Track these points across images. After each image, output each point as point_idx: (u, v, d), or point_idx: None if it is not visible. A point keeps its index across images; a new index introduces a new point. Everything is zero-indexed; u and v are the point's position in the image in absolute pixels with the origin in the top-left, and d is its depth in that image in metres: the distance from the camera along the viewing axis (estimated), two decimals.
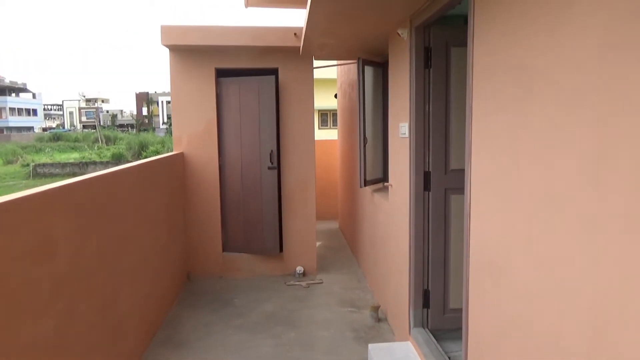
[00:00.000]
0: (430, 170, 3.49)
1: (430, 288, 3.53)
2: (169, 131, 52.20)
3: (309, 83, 5.62)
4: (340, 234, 8.02)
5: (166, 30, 5.19)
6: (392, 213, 4.14)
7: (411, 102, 3.50)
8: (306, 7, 3.47)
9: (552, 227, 1.66)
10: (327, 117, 23.12)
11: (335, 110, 22.07)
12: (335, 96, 8.59)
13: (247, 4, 6.35)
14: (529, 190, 1.82)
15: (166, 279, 4.73)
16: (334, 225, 8.63)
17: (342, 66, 7.22)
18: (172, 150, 5.43)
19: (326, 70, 6.22)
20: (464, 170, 3.23)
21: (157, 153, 31.29)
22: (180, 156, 5.50)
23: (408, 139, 3.57)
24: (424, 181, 3.51)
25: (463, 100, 3.36)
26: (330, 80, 14.39)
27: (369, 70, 4.99)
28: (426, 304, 3.56)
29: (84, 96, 78.88)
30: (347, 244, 7.26)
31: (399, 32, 3.57)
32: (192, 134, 5.57)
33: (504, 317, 2.05)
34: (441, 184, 3.49)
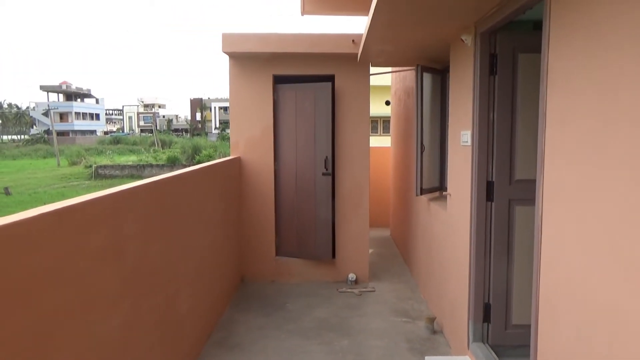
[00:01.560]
0: (493, 180, 3.37)
1: (491, 302, 3.40)
2: (220, 136, 53.65)
3: (365, 90, 5.60)
4: (391, 242, 7.91)
5: (227, 38, 5.32)
6: (451, 223, 4.03)
7: (474, 109, 3.40)
8: (368, 14, 3.45)
9: None
10: (376, 124, 23.00)
11: (385, 117, 21.95)
12: (387, 103, 8.52)
13: (304, 12, 6.42)
14: (613, 203, 1.70)
15: (221, 282, 4.81)
16: (385, 232, 8.53)
17: (397, 73, 7.15)
18: (223, 155, 5.54)
19: (375, 77, 6.13)
20: (530, 180, 3.11)
21: (210, 157, 32.22)
22: (237, 161, 5.61)
23: (470, 147, 3.47)
24: (487, 191, 3.40)
25: (531, 108, 3.23)
26: (379, 87, 14.32)
27: (427, 77, 4.91)
28: (487, 318, 3.43)
29: (142, 102, 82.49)
30: (399, 253, 7.14)
31: (463, 38, 3.49)
32: (248, 139, 5.67)
33: (580, 338, 1.93)
34: (505, 195, 3.36)
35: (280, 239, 5.82)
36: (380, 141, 18.83)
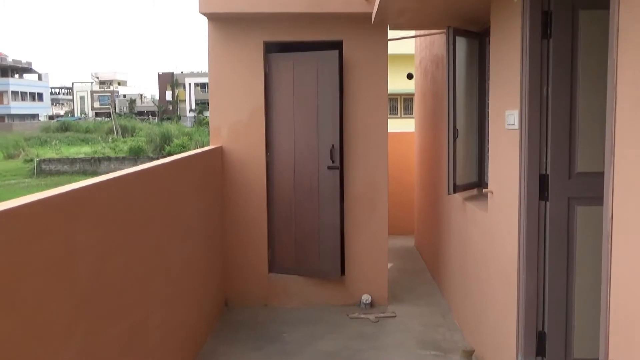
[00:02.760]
0: (548, 173, 3.37)
1: (546, 330, 3.40)
2: (197, 120, 53.72)
3: (381, 60, 5.59)
4: (416, 253, 7.91)
5: None
6: (493, 229, 4.03)
7: (523, 83, 3.40)
8: None
9: None
10: (396, 103, 23.03)
11: (407, 94, 22.00)
12: (409, 76, 8.55)
13: None
14: None
15: (200, 305, 4.82)
16: (408, 241, 8.54)
17: (423, 38, 7.13)
18: (201, 145, 5.55)
19: (394, 44, 6.06)
20: (596, 173, 3.11)
21: (184, 147, 32.28)
22: (219, 152, 5.62)
23: (518, 132, 3.47)
24: (540, 187, 3.40)
25: (597, 79, 3.23)
26: (399, 56, 14.27)
27: (461, 43, 4.89)
28: (541, 350, 3.43)
29: (97, 78, 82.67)
30: (426, 267, 7.15)
31: None
32: (233, 124, 5.68)
33: None
34: (563, 192, 3.36)
35: (274, 251, 5.82)
36: (400, 125, 18.81)
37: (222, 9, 5.35)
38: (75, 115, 76.53)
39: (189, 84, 70.38)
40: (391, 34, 5.86)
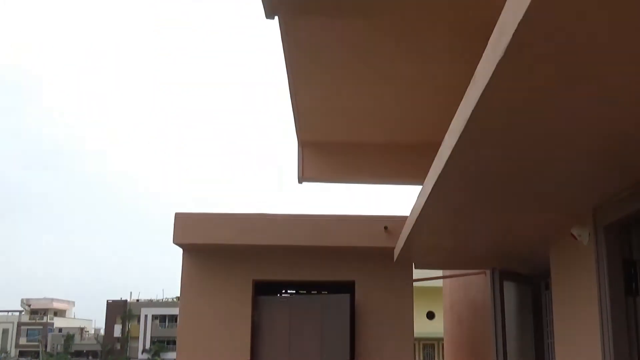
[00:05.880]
0: None
1: None
2: None
3: (405, 306, 5.55)
4: None
5: (183, 221, 5.37)
6: None
7: (606, 350, 3.23)
8: (421, 195, 3.49)
9: None
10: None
11: (427, 339, 21.66)
12: (429, 316, 8.47)
13: (302, 179, 6.70)
14: None
15: None
16: None
17: (454, 277, 7.16)
18: None
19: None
20: None
21: None
22: None
23: None
24: None
25: None
26: (415, 290, 14.35)
27: (509, 288, 4.84)
28: None
29: (29, 306, 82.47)
30: None
31: (574, 232, 3.48)
32: None
33: None
34: None
35: None
36: None
37: (202, 239, 5.39)
38: None
39: (145, 316, 70.01)
40: (416, 273, 5.88)
